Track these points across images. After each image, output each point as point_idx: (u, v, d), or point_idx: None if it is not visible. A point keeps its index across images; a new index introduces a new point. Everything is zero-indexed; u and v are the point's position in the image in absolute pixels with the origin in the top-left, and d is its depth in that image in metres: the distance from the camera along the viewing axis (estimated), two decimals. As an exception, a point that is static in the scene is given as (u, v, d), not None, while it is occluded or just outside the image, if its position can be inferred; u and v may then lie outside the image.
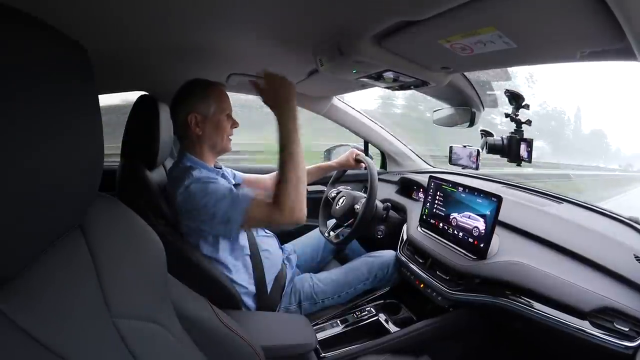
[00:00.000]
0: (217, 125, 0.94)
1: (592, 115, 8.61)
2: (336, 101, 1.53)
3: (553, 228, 0.90)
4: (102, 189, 0.38)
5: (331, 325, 1.01)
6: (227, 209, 0.83)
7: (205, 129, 0.93)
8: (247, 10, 0.61)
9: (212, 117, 0.93)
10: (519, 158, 1.04)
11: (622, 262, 0.74)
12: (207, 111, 0.92)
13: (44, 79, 0.28)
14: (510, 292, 0.81)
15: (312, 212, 1.44)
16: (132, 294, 0.39)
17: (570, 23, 0.48)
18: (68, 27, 0.33)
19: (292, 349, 0.81)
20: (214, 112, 0.93)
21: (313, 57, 0.80)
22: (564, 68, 4.02)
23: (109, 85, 1.20)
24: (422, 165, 1.74)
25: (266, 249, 1.08)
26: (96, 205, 0.40)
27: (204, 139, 0.94)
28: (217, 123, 0.94)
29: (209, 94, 0.93)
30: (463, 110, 1.22)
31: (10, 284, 0.30)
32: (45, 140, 0.28)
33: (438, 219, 1.06)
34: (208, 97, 0.93)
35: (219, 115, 0.94)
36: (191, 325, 0.48)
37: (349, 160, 1.26)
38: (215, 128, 0.94)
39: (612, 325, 0.66)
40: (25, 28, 0.27)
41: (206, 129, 0.93)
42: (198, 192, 0.84)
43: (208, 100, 0.92)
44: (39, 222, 0.30)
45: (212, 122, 0.93)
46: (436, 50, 0.66)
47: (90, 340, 0.34)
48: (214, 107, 0.93)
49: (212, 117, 0.93)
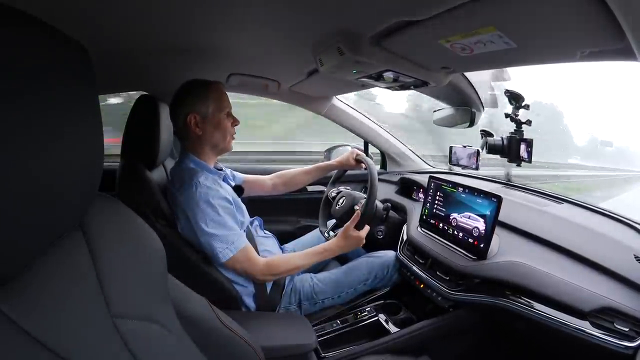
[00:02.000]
0: (217, 124, 0.95)
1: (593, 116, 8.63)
2: (336, 101, 1.53)
3: (553, 228, 0.90)
4: (102, 189, 0.38)
5: (331, 325, 1.01)
6: (216, 244, 0.87)
7: (206, 128, 0.94)
8: (247, 10, 0.61)
9: (211, 117, 0.94)
10: (519, 158, 1.04)
11: (622, 262, 0.74)
12: (206, 111, 0.93)
13: (44, 79, 0.28)
14: (510, 292, 0.81)
15: (312, 212, 1.45)
16: (132, 294, 0.39)
17: (570, 23, 0.48)
18: (68, 27, 0.33)
19: (292, 349, 0.81)
20: (213, 112, 0.94)
21: (313, 57, 0.80)
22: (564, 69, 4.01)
23: (109, 85, 1.20)
24: (422, 166, 1.74)
25: (266, 249, 1.08)
26: (96, 205, 0.40)
27: (205, 138, 0.95)
28: (217, 122, 0.95)
29: (207, 93, 0.94)
30: (463, 110, 1.22)
31: (11, 283, 0.30)
32: (45, 140, 0.28)
33: (438, 219, 1.06)
34: (206, 97, 0.93)
35: (218, 114, 0.94)
36: (191, 326, 0.48)
37: (349, 160, 1.26)
38: (215, 127, 0.95)
39: (612, 325, 0.66)
40: (25, 28, 0.27)
41: (206, 128, 0.94)
42: (200, 205, 0.87)
43: (206, 99, 0.93)
44: (39, 222, 0.29)
45: (211, 121, 0.94)
46: (436, 50, 0.66)
47: (90, 340, 0.34)
48: (212, 106, 0.94)
49: (211, 117, 0.94)
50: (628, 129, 5.08)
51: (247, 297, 0.97)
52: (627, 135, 5.00)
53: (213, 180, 0.93)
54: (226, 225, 0.88)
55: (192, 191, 0.87)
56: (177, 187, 0.91)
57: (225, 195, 0.92)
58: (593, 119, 5.60)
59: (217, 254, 0.87)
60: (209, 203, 0.87)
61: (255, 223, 1.16)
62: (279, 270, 0.94)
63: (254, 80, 1.20)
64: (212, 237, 0.86)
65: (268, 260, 0.94)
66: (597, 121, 5.85)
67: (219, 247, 0.87)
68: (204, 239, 0.87)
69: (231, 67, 1.09)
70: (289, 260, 0.97)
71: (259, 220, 1.20)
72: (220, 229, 0.87)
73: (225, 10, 0.62)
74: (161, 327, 0.42)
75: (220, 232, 0.87)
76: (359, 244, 1.04)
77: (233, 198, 0.97)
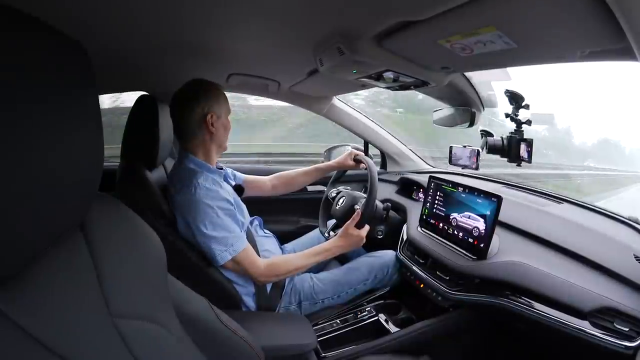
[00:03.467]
0: (225, 125, 0.99)
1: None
2: (336, 101, 1.53)
3: (553, 228, 0.90)
4: (102, 189, 0.38)
5: (331, 325, 1.01)
6: (214, 247, 0.87)
7: (218, 128, 0.96)
8: (247, 10, 0.61)
9: (222, 118, 0.97)
10: (519, 158, 1.04)
11: (622, 262, 0.74)
12: (220, 111, 0.96)
13: (44, 79, 0.28)
14: (510, 292, 0.81)
15: (312, 212, 1.45)
16: (132, 294, 0.39)
17: (570, 23, 0.48)
18: (68, 27, 0.33)
19: (292, 349, 0.81)
20: (225, 113, 0.98)
21: (313, 57, 0.80)
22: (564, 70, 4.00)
23: (109, 85, 1.20)
24: (422, 165, 1.74)
25: (266, 249, 1.08)
26: (96, 205, 0.40)
27: (215, 138, 0.97)
28: (225, 124, 0.99)
29: (220, 95, 0.97)
30: (463, 110, 1.22)
31: (11, 283, 0.30)
32: (46, 140, 0.28)
33: (438, 219, 1.06)
34: (220, 98, 0.97)
35: (226, 115, 0.99)
36: (191, 325, 0.48)
37: (347, 161, 1.26)
38: (224, 128, 0.99)
39: (612, 325, 0.66)
40: (25, 28, 0.27)
41: (219, 128, 0.97)
42: (199, 207, 0.87)
43: (221, 101, 0.96)
44: (39, 222, 0.29)
45: (223, 122, 0.98)
46: (436, 50, 0.66)
47: (90, 340, 0.34)
48: (224, 107, 0.98)
49: (222, 118, 0.97)
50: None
51: (247, 297, 0.97)
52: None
53: (213, 180, 0.92)
54: (225, 227, 0.88)
55: (191, 192, 0.87)
56: (176, 188, 0.91)
57: (225, 196, 0.92)
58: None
59: (215, 256, 0.87)
60: (208, 205, 0.87)
61: (255, 223, 1.16)
62: (279, 271, 0.94)
63: (254, 80, 1.19)
64: (211, 239, 0.86)
65: (268, 262, 0.94)
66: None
67: (217, 249, 0.87)
68: (203, 240, 0.87)
69: (231, 67, 1.09)
70: (289, 261, 0.97)
71: (259, 219, 1.20)
72: (218, 231, 0.87)
73: (225, 10, 0.62)
74: (161, 327, 0.42)
75: (218, 234, 0.87)
76: (359, 244, 1.05)
77: (233, 198, 0.97)
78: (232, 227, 0.90)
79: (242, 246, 0.90)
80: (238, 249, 0.89)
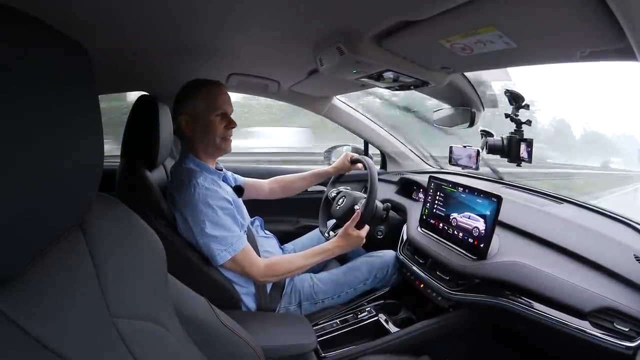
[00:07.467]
0: (206, 125, 0.93)
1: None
2: (336, 101, 1.53)
3: (553, 228, 0.90)
4: (102, 189, 0.38)
5: (331, 325, 1.01)
6: (213, 246, 0.87)
7: (196, 129, 0.93)
8: (247, 10, 0.61)
9: (200, 117, 0.92)
10: (519, 158, 1.04)
11: (622, 262, 0.74)
12: (195, 111, 0.92)
13: (44, 79, 0.28)
14: (510, 292, 0.81)
15: (312, 212, 1.45)
16: (132, 294, 0.39)
17: (570, 23, 0.48)
18: (68, 27, 0.33)
19: (292, 349, 0.81)
20: (203, 112, 0.92)
21: (313, 57, 0.80)
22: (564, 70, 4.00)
23: (109, 86, 1.20)
24: (422, 165, 1.74)
25: (266, 249, 1.08)
26: (96, 205, 0.40)
27: (195, 139, 0.94)
28: (207, 123, 0.93)
29: (199, 93, 0.93)
30: (463, 110, 1.22)
31: (11, 283, 0.30)
32: (45, 140, 0.28)
33: (438, 219, 1.06)
34: (196, 97, 0.92)
35: (208, 115, 0.92)
36: (191, 325, 0.48)
37: (344, 164, 1.26)
38: (204, 128, 0.93)
39: (612, 325, 0.66)
40: (25, 28, 0.27)
41: (196, 129, 0.93)
42: (199, 207, 0.86)
43: (196, 100, 0.92)
44: (39, 222, 0.29)
45: (201, 122, 0.92)
46: (436, 50, 0.66)
47: (90, 340, 0.34)
48: (203, 106, 0.92)
49: (200, 117, 0.92)
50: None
51: (247, 297, 0.96)
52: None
53: (212, 180, 0.92)
54: (225, 226, 0.88)
55: (190, 192, 0.87)
56: (176, 187, 0.91)
57: (225, 196, 0.92)
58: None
59: (215, 255, 0.87)
60: (207, 204, 0.87)
61: (256, 223, 1.16)
62: (279, 271, 0.94)
63: (254, 80, 1.20)
64: (210, 238, 0.86)
65: (268, 262, 0.94)
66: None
67: (216, 248, 0.86)
68: (202, 240, 0.86)
69: (231, 67, 1.09)
70: (289, 261, 0.97)
71: (260, 220, 1.20)
72: (218, 230, 0.87)
73: (225, 10, 0.62)
74: (161, 327, 0.42)
75: (218, 234, 0.87)
76: (359, 244, 1.04)
77: (233, 199, 0.97)
78: (231, 227, 0.90)
79: (242, 246, 0.90)
80: (237, 249, 0.89)
